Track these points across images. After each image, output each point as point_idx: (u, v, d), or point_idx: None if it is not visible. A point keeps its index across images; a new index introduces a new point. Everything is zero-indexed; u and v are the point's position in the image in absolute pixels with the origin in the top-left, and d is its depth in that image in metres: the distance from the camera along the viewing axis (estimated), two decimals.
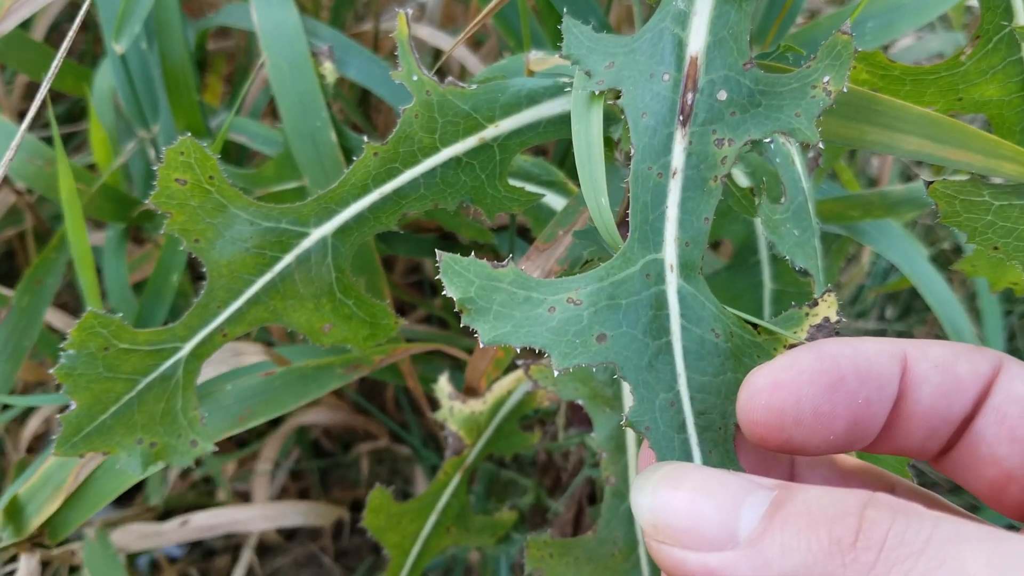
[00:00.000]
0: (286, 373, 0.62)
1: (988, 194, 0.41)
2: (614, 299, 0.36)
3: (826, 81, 0.38)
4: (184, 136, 0.47)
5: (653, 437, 0.34)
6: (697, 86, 0.38)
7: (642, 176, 0.38)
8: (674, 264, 0.36)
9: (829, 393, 0.32)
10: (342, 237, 0.50)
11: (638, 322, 0.35)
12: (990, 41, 0.51)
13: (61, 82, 0.87)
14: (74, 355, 0.49)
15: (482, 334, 0.34)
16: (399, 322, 0.54)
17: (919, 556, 0.25)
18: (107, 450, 0.50)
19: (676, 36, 0.39)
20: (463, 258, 0.36)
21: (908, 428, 0.33)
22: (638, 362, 0.35)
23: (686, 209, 0.37)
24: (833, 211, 0.72)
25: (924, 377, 0.33)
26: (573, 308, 0.35)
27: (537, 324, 0.35)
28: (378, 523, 0.66)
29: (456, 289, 0.35)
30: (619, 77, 0.40)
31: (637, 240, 0.37)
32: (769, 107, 0.38)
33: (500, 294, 0.35)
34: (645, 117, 0.38)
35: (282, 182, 0.73)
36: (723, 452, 0.35)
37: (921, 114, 0.42)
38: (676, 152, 0.38)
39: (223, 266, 0.50)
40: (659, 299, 0.36)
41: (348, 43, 0.74)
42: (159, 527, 0.78)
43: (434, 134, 0.49)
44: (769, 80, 0.38)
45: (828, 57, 0.38)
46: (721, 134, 0.38)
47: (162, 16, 0.73)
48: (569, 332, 0.35)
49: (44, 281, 0.78)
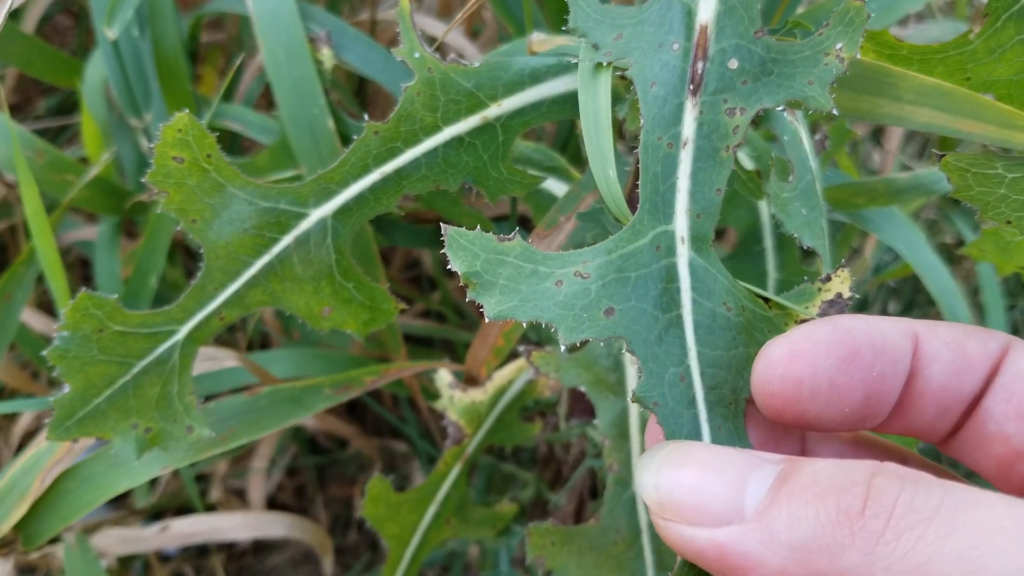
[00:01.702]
0: (272, 393, 0.61)
1: (1001, 166, 0.40)
2: (623, 272, 0.35)
3: (839, 48, 0.37)
4: (182, 112, 0.45)
5: (661, 413, 0.33)
6: (707, 55, 0.37)
7: (652, 147, 0.37)
8: (685, 236, 0.36)
9: (845, 365, 0.31)
10: (342, 218, 0.49)
11: (648, 295, 0.34)
12: (999, 19, 0.50)
13: (52, 75, 0.86)
14: (68, 337, 0.47)
15: (488, 308, 0.33)
16: (399, 307, 0.53)
17: (929, 523, 0.25)
18: (101, 435, 0.49)
19: (685, 5, 0.38)
20: (469, 231, 0.35)
21: (920, 406, 0.33)
22: (647, 336, 0.34)
23: (697, 180, 0.36)
24: (838, 198, 0.71)
25: (935, 355, 0.33)
26: (581, 281, 0.34)
27: (544, 298, 0.34)
28: (377, 513, 0.65)
29: (461, 263, 0.34)
30: (627, 48, 0.39)
31: (647, 212, 0.36)
32: (781, 75, 0.37)
33: (506, 268, 0.34)
34: (655, 87, 0.38)
35: (278, 171, 0.72)
36: (732, 428, 0.34)
37: (933, 85, 0.41)
38: (687, 122, 0.37)
39: (221, 247, 0.49)
40: (670, 272, 0.35)
41: (346, 28, 0.73)
42: (139, 532, 0.77)
43: (436, 113, 0.48)
44: (781, 48, 0.37)
45: (840, 24, 0.37)
46: (732, 103, 0.37)
47: (155, 3, 0.72)
48: (576, 306, 0.34)
49: (13, 296, 0.76)
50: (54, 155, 0.73)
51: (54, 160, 0.73)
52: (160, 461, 0.58)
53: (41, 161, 0.72)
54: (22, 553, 0.62)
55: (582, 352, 0.59)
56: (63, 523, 0.60)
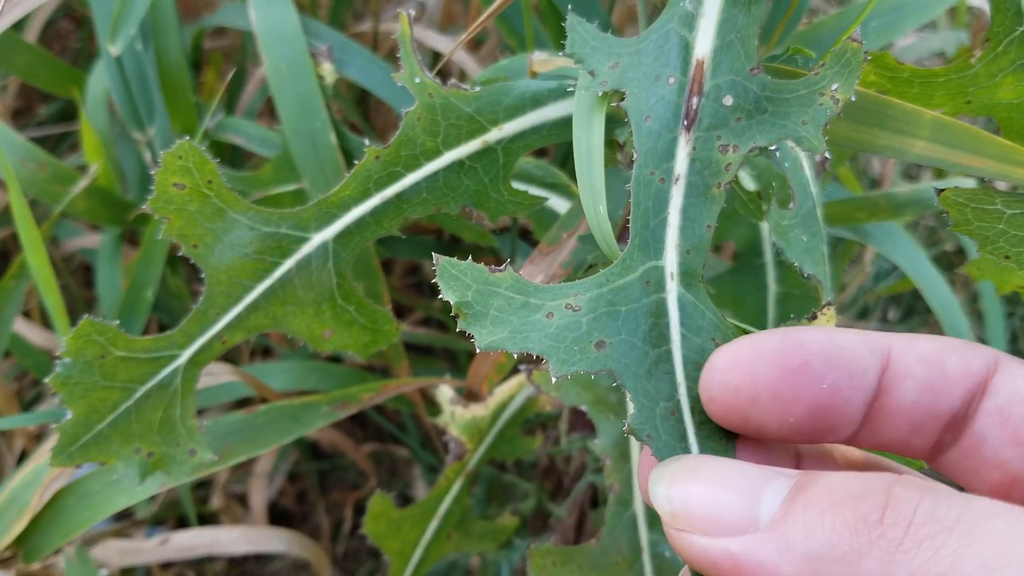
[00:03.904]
0: (269, 411, 0.61)
1: (1000, 202, 0.40)
2: (613, 306, 0.35)
3: (834, 89, 0.37)
4: (183, 139, 0.46)
5: (655, 445, 0.33)
6: (703, 90, 0.38)
7: (644, 181, 0.37)
8: (675, 272, 0.36)
9: (789, 375, 0.31)
10: (343, 242, 0.50)
11: (637, 330, 0.34)
12: (1000, 44, 0.50)
13: (54, 85, 0.86)
14: (70, 363, 0.48)
15: (479, 339, 0.33)
16: (400, 328, 0.53)
17: (951, 532, 0.24)
18: (104, 460, 0.49)
19: (683, 38, 0.38)
20: (460, 262, 0.35)
21: (891, 422, 0.33)
22: (637, 370, 0.34)
23: (688, 216, 0.36)
24: (840, 213, 0.71)
25: (908, 371, 0.32)
26: (572, 314, 0.34)
27: (535, 330, 0.34)
28: (379, 529, 0.65)
29: (452, 293, 0.34)
30: (623, 78, 0.39)
31: (637, 247, 0.36)
32: (776, 114, 0.37)
33: (497, 299, 0.34)
34: (649, 121, 0.38)
35: (280, 184, 0.72)
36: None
37: (933, 118, 0.41)
38: (679, 157, 0.37)
39: (222, 272, 0.49)
40: (659, 307, 0.35)
41: (347, 43, 0.73)
42: (140, 545, 0.77)
43: (437, 137, 0.48)
44: (776, 86, 0.37)
45: (837, 64, 0.37)
46: (726, 140, 0.37)
47: (158, 17, 0.72)
48: (567, 339, 0.34)
49: (3, 310, 0.76)
50: (57, 167, 0.73)
51: (57, 172, 0.73)
52: (159, 479, 0.59)
53: (44, 173, 0.72)
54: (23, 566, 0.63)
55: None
56: (62, 539, 0.60)
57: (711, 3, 0.39)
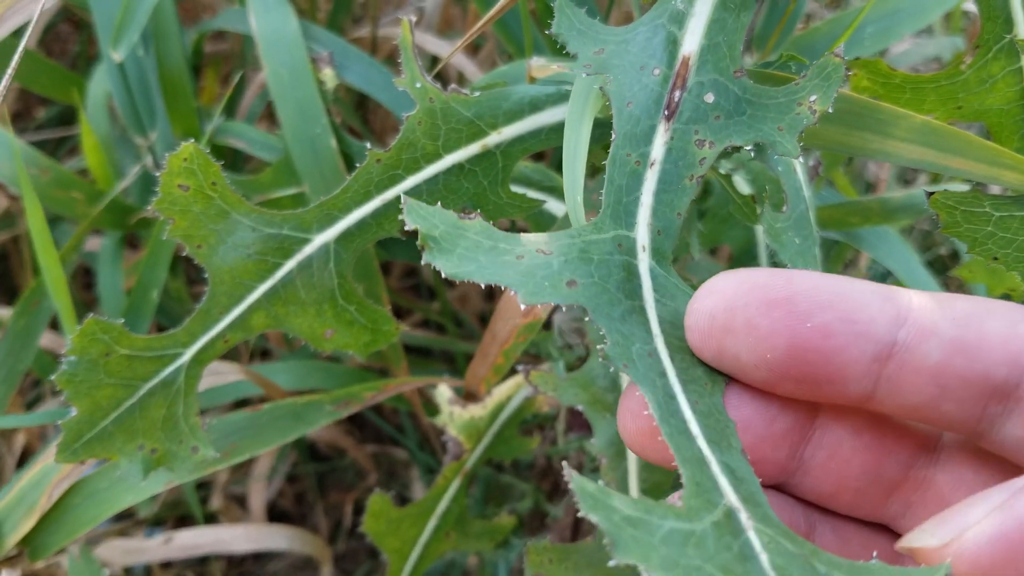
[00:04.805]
0: (272, 409, 0.62)
1: (989, 205, 0.41)
2: (586, 253, 0.35)
3: (812, 100, 0.38)
4: (187, 142, 0.46)
5: (634, 373, 0.32)
6: (686, 85, 0.39)
7: (620, 161, 0.38)
8: (646, 245, 0.36)
9: (768, 308, 0.30)
10: (344, 243, 0.50)
11: (610, 277, 0.34)
12: (990, 51, 0.51)
13: (55, 90, 0.87)
14: (75, 361, 0.48)
15: (445, 268, 0.32)
16: (400, 328, 0.54)
17: None
18: (108, 456, 0.50)
19: (671, 34, 0.40)
20: (428, 206, 0.34)
21: (913, 383, 0.30)
22: (610, 312, 0.33)
23: (660, 200, 0.37)
24: (833, 217, 0.72)
25: (933, 328, 0.30)
26: (542, 256, 0.34)
27: (505, 267, 0.33)
28: (378, 528, 0.66)
29: (419, 225, 0.33)
30: (607, 65, 0.40)
31: (609, 216, 0.36)
32: (754, 117, 0.38)
33: (465, 240, 0.34)
34: (630, 106, 0.39)
35: (281, 188, 0.73)
36: (710, 404, 0.33)
37: (923, 123, 0.42)
38: (657, 144, 0.38)
39: (225, 272, 0.50)
40: (630, 268, 0.35)
41: (347, 48, 0.74)
42: (142, 544, 0.78)
43: (437, 141, 0.49)
44: (757, 91, 0.38)
45: (818, 77, 0.38)
46: (703, 135, 0.38)
47: (159, 23, 0.73)
48: (538, 275, 0.33)
49: (41, 303, 0.76)
50: (59, 172, 0.74)
51: (59, 177, 0.74)
52: (164, 477, 0.59)
53: (46, 178, 0.73)
54: (28, 564, 0.64)
55: (580, 372, 0.60)
56: (69, 537, 0.61)
57: (702, 4, 0.40)
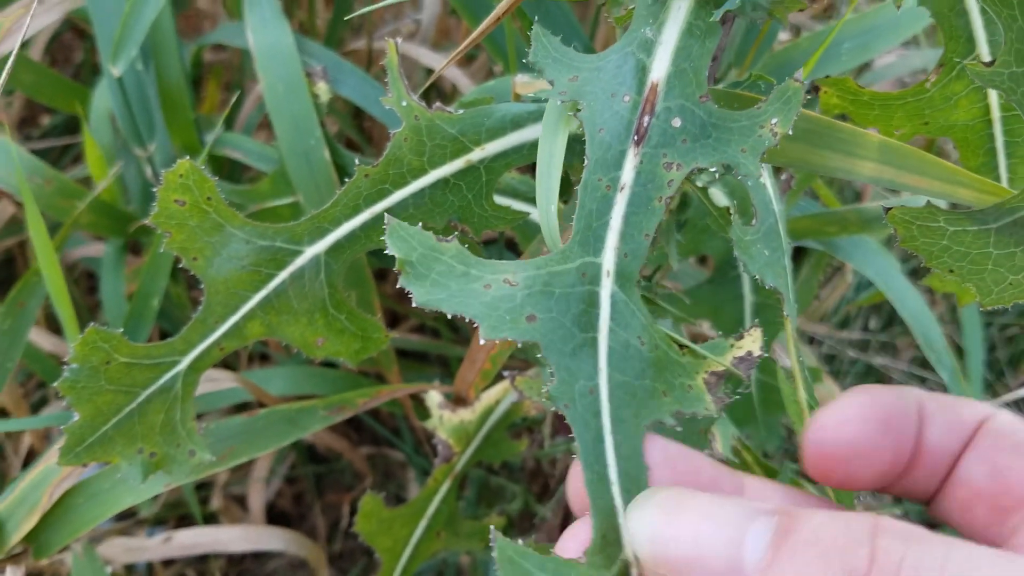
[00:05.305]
0: (268, 415, 0.64)
1: (943, 220, 0.43)
2: (548, 287, 0.37)
3: (774, 123, 0.40)
4: (184, 159, 0.49)
5: (571, 414, 0.35)
6: (654, 110, 0.41)
7: (592, 186, 0.40)
8: (611, 270, 0.38)
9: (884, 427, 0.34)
10: (334, 255, 0.52)
11: (568, 312, 0.37)
12: (954, 69, 0.53)
13: (59, 101, 0.89)
14: (77, 369, 0.51)
15: (416, 296, 0.36)
16: (389, 336, 0.56)
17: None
18: (108, 459, 0.52)
19: (640, 61, 0.42)
20: (410, 227, 0.37)
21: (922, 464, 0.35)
22: (562, 347, 0.36)
23: (630, 223, 0.39)
24: (811, 228, 0.74)
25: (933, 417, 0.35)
26: (508, 288, 0.37)
27: (472, 296, 0.36)
28: (370, 528, 0.68)
29: (399, 250, 0.37)
30: (581, 92, 0.42)
31: (578, 243, 0.39)
32: (718, 140, 0.40)
33: (440, 265, 0.37)
34: (602, 132, 0.41)
35: (277, 198, 0.75)
36: (633, 446, 0.35)
37: (881, 141, 0.44)
38: (627, 169, 0.40)
39: (220, 283, 0.52)
40: (591, 297, 0.37)
41: (341, 63, 0.77)
42: (143, 542, 0.80)
43: (423, 156, 0.51)
44: (721, 115, 0.40)
45: (779, 100, 0.40)
46: (671, 158, 0.40)
47: (158, 38, 0.75)
48: (501, 308, 0.36)
49: (26, 304, 0.78)
50: (62, 182, 0.76)
51: (62, 187, 0.76)
52: (163, 479, 0.61)
53: (50, 188, 0.75)
54: (33, 562, 0.66)
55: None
56: (70, 536, 0.63)
57: (669, 33, 0.42)
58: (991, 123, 0.55)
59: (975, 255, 0.43)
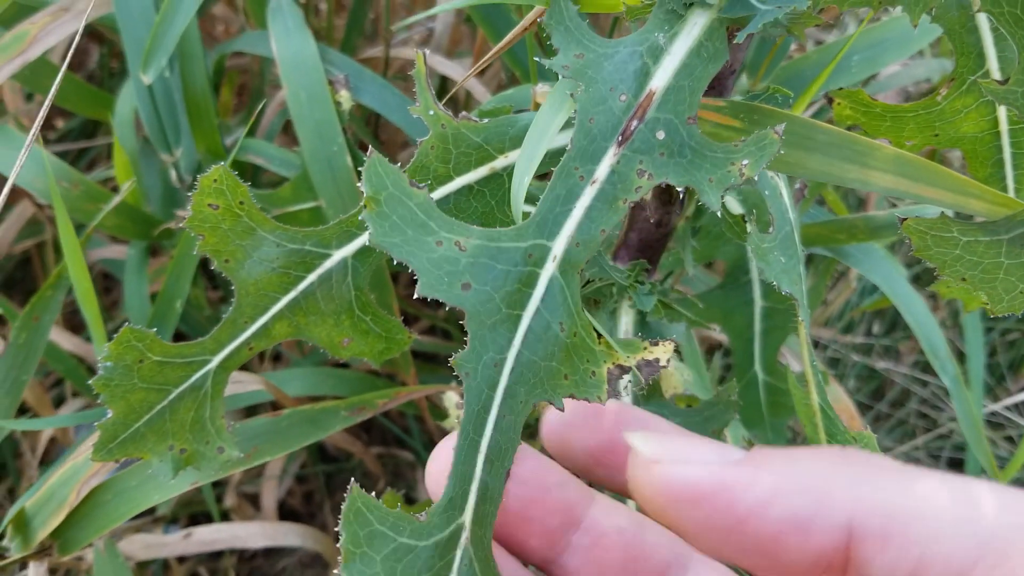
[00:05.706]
0: (291, 415, 0.66)
1: (956, 230, 0.45)
2: (493, 260, 0.39)
3: (744, 164, 0.41)
4: (218, 165, 0.50)
5: (468, 383, 0.36)
6: (645, 117, 0.42)
7: (567, 172, 0.41)
8: (558, 256, 0.39)
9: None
10: (362, 258, 0.54)
11: (502, 288, 0.38)
12: (964, 83, 0.55)
13: (83, 107, 0.91)
14: (111, 367, 0.52)
15: (373, 233, 0.37)
16: (412, 337, 0.58)
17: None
18: (140, 455, 0.54)
19: (646, 65, 0.43)
20: (391, 164, 0.39)
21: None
22: (485, 320, 0.38)
23: (591, 216, 0.40)
24: (820, 235, 0.76)
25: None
26: (455, 251, 0.38)
27: (421, 249, 0.38)
28: None
29: (370, 186, 0.38)
30: (583, 74, 0.43)
31: (536, 224, 0.40)
32: (692, 163, 0.41)
33: (404, 209, 0.38)
34: (592, 122, 0.42)
35: (298, 203, 0.76)
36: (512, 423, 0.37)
37: (897, 154, 0.46)
38: (603, 165, 0.41)
39: (250, 285, 0.53)
40: (530, 278, 0.39)
41: (361, 71, 0.78)
42: (163, 539, 0.81)
43: (448, 164, 0.53)
44: (702, 141, 0.42)
45: (754, 145, 0.41)
46: (645, 167, 0.41)
47: (184, 46, 0.77)
48: (443, 268, 0.38)
49: (41, 318, 0.79)
50: (89, 186, 0.78)
51: (88, 190, 0.78)
52: (189, 477, 0.63)
53: (76, 191, 0.77)
54: (56, 558, 0.67)
55: None
56: (97, 533, 0.64)
57: (679, 46, 0.44)
58: (999, 135, 0.56)
59: (987, 264, 0.45)
